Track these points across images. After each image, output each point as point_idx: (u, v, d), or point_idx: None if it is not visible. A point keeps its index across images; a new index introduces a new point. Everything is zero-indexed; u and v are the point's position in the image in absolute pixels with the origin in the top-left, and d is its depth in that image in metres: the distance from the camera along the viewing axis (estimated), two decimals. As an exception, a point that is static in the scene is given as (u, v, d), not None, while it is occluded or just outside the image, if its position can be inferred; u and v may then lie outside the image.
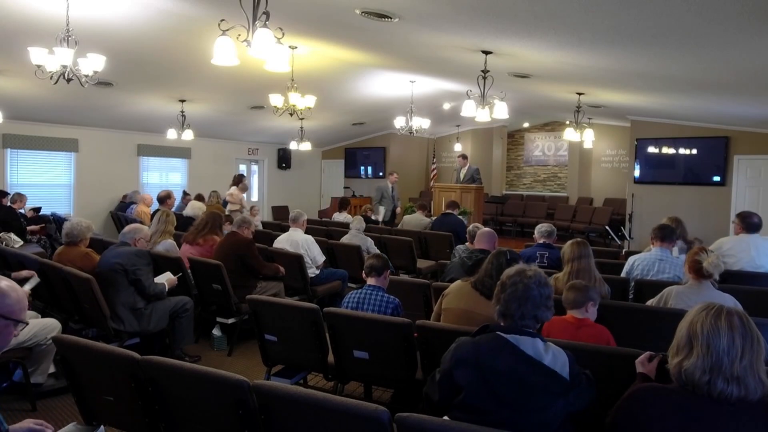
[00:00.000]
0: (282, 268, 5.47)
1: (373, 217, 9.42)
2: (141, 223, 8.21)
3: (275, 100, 7.32)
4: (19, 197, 8.67)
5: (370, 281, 3.56)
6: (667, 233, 4.41)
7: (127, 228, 4.69)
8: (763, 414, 1.56)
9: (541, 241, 5.22)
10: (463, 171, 10.12)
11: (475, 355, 2.00)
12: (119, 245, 4.53)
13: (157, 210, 7.38)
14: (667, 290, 3.49)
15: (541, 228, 5.28)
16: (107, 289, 4.22)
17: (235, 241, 5.31)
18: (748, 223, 4.78)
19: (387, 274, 3.63)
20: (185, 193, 11.21)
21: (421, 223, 8.46)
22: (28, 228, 8.20)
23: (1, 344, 1.71)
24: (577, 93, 8.02)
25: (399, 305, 3.47)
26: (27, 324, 1.79)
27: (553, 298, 2.21)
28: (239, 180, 9.70)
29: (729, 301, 3.17)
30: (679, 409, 1.62)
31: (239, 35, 3.43)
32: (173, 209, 8.57)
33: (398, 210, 10.68)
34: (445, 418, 2.09)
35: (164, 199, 7.97)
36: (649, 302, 3.65)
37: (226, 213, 8.10)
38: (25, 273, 4.26)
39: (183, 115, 9.41)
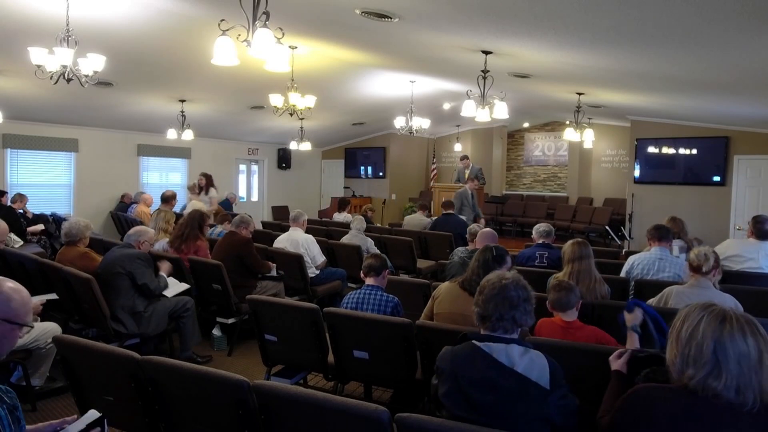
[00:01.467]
0: (272, 264, 5.45)
1: None
2: (141, 223, 8.24)
3: (275, 100, 7.32)
4: (20, 197, 8.68)
5: (369, 281, 3.55)
6: (663, 233, 4.42)
7: (132, 230, 4.65)
8: (762, 414, 1.56)
9: (540, 241, 5.22)
10: (467, 171, 10.13)
11: (451, 366, 2.00)
12: (122, 246, 4.50)
13: (157, 210, 7.40)
14: (667, 290, 3.49)
15: (539, 228, 5.28)
16: (107, 292, 4.20)
17: (233, 241, 5.31)
18: (759, 230, 4.73)
19: (386, 274, 3.61)
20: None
21: (421, 223, 8.46)
22: (28, 229, 8.20)
23: (6, 347, 1.65)
24: (577, 93, 8.02)
25: (398, 304, 3.47)
26: (32, 327, 1.73)
27: (534, 303, 2.14)
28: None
29: (729, 301, 3.17)
30: (681, 409, 1.61)
31: (239, 35, 3.42)
32: (177, 208, 8.57)
33: (481, 221, 8.64)
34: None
35: (168, 198, 7.93)
36: (649, 302, 3.65)
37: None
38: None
39: (183, 115, 9.41)
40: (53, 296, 4.29)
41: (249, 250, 5.25)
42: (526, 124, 15.31)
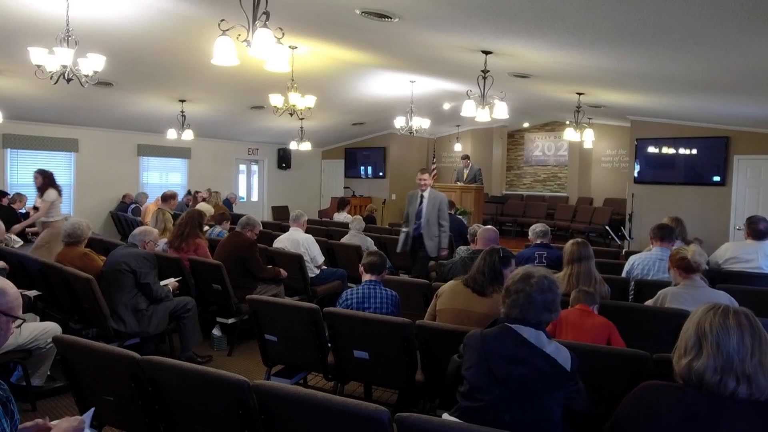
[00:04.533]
0: (284, 272, 5.45)
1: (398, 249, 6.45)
2: (141, 221, 8.25)
3: (275, 100, 7.32)
4: (19, 197, 8.68)
5: (370, 277, 3.58)
6: (666, 233, 4.41)
7: (137, 230, 4.69)
8: (763, 411, 1.57)
9: (537, 242, 5.22)
10: (466, 171, 10.15)
11: (481, 342, 2.10)
12: (128, 246, 4.54)
13: (158, 210, 7.40)
14: (662, 292, 3.49)
15: (536, 228, 5.28)
16: (111, 289, 4.22)
17: (237, 242, 5.30)
18: (755, 230, 4.72)
19: (385, 273, 3.68)
20: (189, 192, 11.22)
21: None
22: (28, 229, 8.19)
23: (2, 341, 1.75)
24: (577, 93, 8.02)
25: (399, 299, 3.55)
26: (24, 321, 1.82)
27: (560, 301, 2.20)
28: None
29: (724, 298, 3.18)
30: (684, 406, 1.62)
31: (239, 35, 3.42)
32: (177, 209, 8.57)
33: (443, 249, 6.18)
34: (445, 415, 2.10)
35: (168, 198, 7.92)
36: (646, 303, 3.65)
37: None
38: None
39: (183, 115, 9.41)
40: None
41: (252, 253, 5.24)
42: (526, 124, 15.31)
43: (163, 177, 12.08)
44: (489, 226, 4.71)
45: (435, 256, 6.10)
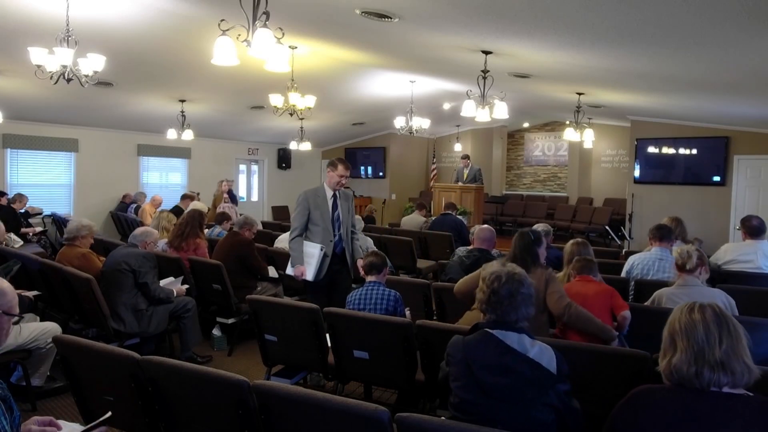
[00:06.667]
0: (269, 266, 5.45)
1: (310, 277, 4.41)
2: (142, 222, 8.26)
3: (275, 100, 7.32)
4: (20, 197, 8.69)
5: (370, 278, 3.61)
6: (665, 233, 4.42)
7: (137, 230, 4.70)
8: (759, 408, 1.58)
9: (540, 241, 5.22)
10: (466, 171, 10.15)
11: (464, 352, 2.06)
12: (128, 246, 4.55)
13: (160, 210, 7.43)
14: (657, 294, 3.50)
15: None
16: (110, 289, 4.22)
17: (235, 242, 5.31)
18: (749, 228, 4.74)
19: (386, 271, 3.69)
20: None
21: (418, 222, 8.47)
22: (27, 229, 8.21)
23: (2, 340, 1.78)
24: (577, 93, 8.02)
25: (399, 297, 3.55)
26: (22, 318, 1.88)
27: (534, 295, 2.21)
28: None
29: (719, 296, 3.20)
30: (677, 406, 1.64)
31: (239, 35, 3.43)
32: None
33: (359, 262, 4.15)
34: (442, 418, 2.10)
35: (185, 198, 7.86)
36: (645, 304, 3.65)
37: None
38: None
39: (183, 115, 9.40)
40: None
41: (251, 251, 5.25)
42: (526, 124, 15.31)
43: (163, 177, 12.07)
44: (485, 225, 4.73)
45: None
